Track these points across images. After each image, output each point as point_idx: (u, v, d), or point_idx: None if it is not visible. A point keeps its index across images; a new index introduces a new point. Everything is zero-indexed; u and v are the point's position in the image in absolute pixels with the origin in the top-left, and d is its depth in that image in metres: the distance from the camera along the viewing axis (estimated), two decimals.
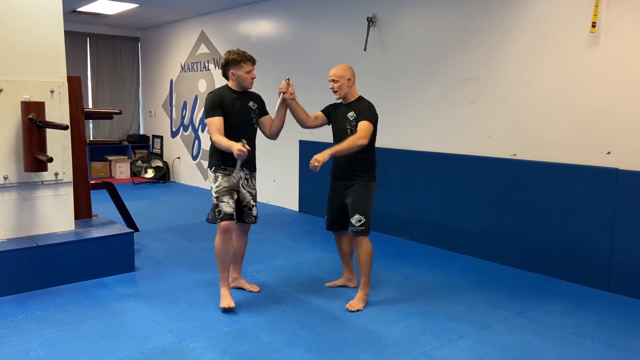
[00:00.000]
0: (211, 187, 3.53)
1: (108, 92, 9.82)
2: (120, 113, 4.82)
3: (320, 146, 3.59)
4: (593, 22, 3.90)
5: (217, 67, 8.08)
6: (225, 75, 3.56)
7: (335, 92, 3.65)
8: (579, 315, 3.50)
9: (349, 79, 3.61)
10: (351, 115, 3.58)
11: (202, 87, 8.48)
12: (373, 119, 3.53)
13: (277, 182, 7.08)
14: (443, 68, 5.03)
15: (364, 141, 3.43)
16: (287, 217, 6.41)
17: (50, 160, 3.73)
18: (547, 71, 4.28)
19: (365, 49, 5.64)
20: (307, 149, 6.48)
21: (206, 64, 8.32)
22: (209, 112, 3.46)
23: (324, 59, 6.26)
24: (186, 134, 8.99)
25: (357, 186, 3.57)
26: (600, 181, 3.98)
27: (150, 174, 9.19)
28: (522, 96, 4.46)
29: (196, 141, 8.74)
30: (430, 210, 5.10)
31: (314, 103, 6.93)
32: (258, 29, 7.22)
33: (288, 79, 3.68)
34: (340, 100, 3.72)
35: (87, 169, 4.71)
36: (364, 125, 3.45)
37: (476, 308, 3.61)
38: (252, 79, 3.58)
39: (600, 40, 3.93)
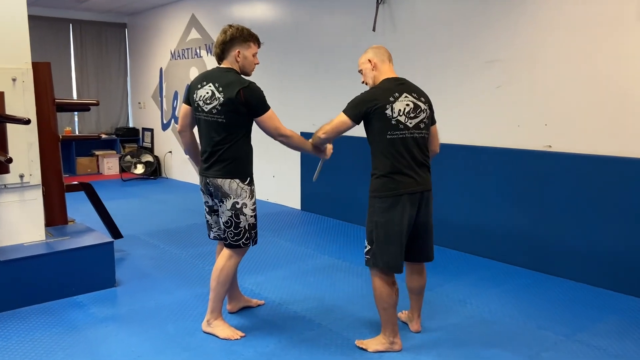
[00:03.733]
0: (242, 205, 2.83)
1: (94, 82, 9.21)
2: (97, 104, 4.22)
3: None
4: None
5: (209, 54, 7.46)
6: (224, 54, 2.87)
7: (363, 83, 2.94)
8: None
9: (369, 60, 2.83)
10: None
11: (194, 76, 7.84)
12: (349, 109, 2.72)
13: (277, 178, 6.51)
14: (464, 49, 4.44)
15: (319, 133, 2.80)
16: (289, 217, 5.85)
17: (10, 160, 3.14)
18: (588, 50, 3.70)
19: (374, 30, 5.04)
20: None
21: (198, 51, 7.70)
22: (266, 100, 2.82)
23: (327, 42, 5.66)
24: (178, 126, 8.37)
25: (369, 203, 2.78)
26: None
27: (140, 169, 8.60)
28: (558, 79, 3.88)
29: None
30: (451, 209, 4.53)
31: (317, 93, 6.40)
32: (253, 12, 6.60)
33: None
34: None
35: (61, 169, 4.13)
36: (334, 118, 2.78)
37: (517, 329, 3.06)
38: (256, 64, 2.97)
39: None
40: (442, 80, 4.62)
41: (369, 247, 2.72)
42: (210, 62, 7.45)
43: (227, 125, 2.76)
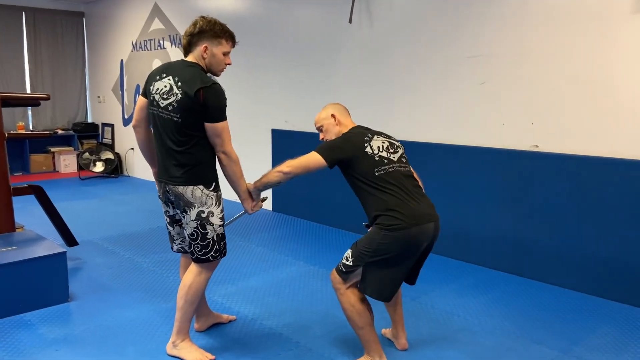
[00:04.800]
0: (207, 214, 2.51)
1: (49, 75, 8.66)
2: (47, 98, 3.81)
3: (295, 135, 2.64)
4: None
5: (174, 45, 7.05)
6: (190, 47, 2.54)
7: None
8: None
9: (333, 115, 2.63)
10: None
11: None
12: (324, 150, 2.45)
13: (247, 177, 6.16)
14: (446, 43, 4.21)
15: (283, 167, 2.45)
16: (259, 219, 5.54)
17: None
18: (578, 44, 3.52)
19: (350, 21, 4.76)
20: (281, 139, 5.60)
21: (161, 42, 7.28)
22: (225, 110, 2.48)
23: (299, 35, 5.35)
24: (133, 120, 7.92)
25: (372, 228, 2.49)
26: None
27: (99, 167, 8.12)
28: (546, 75, 3.69)
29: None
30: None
31: (290, 88, 6.07)
32: (221, 2, 6.23)
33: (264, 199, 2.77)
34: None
35: (7, 170, 3.71)
36: (304, 155, 2.49)
37: (510, 344, 2.85)
38: (227, 64, 2.64)
39: None
40: (422, 76, 4.38)
41: (351, 265, 2.42)
42: (176, 55, 7.05)
43: (184, 126, 2.44)
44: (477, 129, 4.09)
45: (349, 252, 2.46)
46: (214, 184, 2.56)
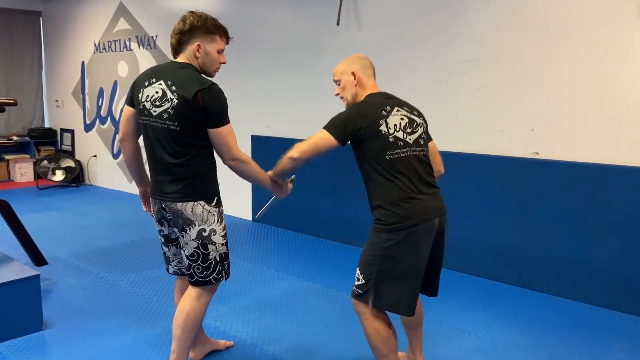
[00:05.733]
0: (209, 232, 2.27)
1: (2, 78, 8.11)
2: (15, 104, 3.44)
3: (276, 142, 2.38)
4: None
5: (141, 46, 6.68)
6: (180, 46, 2.29)
7: (341, 98, 2.40)
8: None
9: (353, 74, 2.32)
10: None
11: (123, 71, 7.04)
12: (332, 127, 2.19)
13: (224, 185, 5.82)
14: (441, 46, 4.06)
15: (293, 153, 2.21)
16: (240, 230, 5.25)
17: None
18: (580, 49, 3.43)
19: (338, 23, 4.57)
20: (262, 146, 5.33)
21: (127, 43, 6.89)
22: (227, 112, 2.25)
23: (281, 37, 5.11)
24: (104, 127, 7.51)
25: (371, 231, 2.26)
26: None
27: (59, 176, 7.62)
28: (547, 80, 3.59)
29: (117, 136, 7.28)
30: None
31: (268, 94, 5.81)
32: (192, 1, 5.91)
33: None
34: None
35: None
36: (313, 135, 2.24)
37: None
38: (222, 63, 2.40)
39: None
40: (415, 82, 4.22)
41: (364, 282, 2.19)
42: (144, 57, 6.68)
43: (182, 135, 2.18)
44: (474, 135, 3.95)
45: (357, 271, 2.24)
46: (215, 198, 2.31)
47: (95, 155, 7.72)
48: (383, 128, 2.18)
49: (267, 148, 5.29)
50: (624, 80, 3.29)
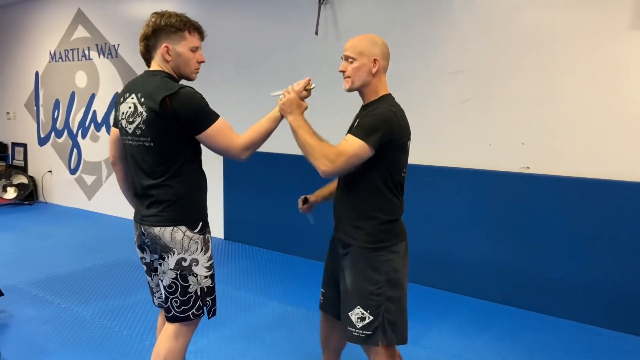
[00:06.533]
0: (190, 263, 2.03)
1: None
2: None
3: (251, 158, 2.11)
4: None
5: (102, 55, 6.31)
6: (149, 52, 2.05)
7: (346, 78, 2.02)
8: None
9: (375, 61, 1.99)
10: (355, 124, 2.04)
11: (82, 81, 6.63)
12: (370, 133, 1.87)
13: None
14: (425, 57, 3.93)
15: (325, 166, 1.85)
16: (213, 249, 4.94)
17: None
18: (573, 61, 3.35)
19: (316, 33, 4.38)
20: (234, 162, 5.04)
21: (86, 52, 6.50)
22: (209, 108, 1.97)
23: (256, 47, 4.87)
24: (60, 140, 7.05)
25: (357, 256, 1.98)
26: None
27: (11, 193, 7.11)
28: (537, 93, 3.49)
29: (75, 149, 6.85)
30: (416, 240, 3.97)
31: (241, 107, 5.50)
32: (160, 8, 5.60)
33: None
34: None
35: None
36: (346, 143, 1.88)
37: None
38: (200, 63, 2.16)
39: None
40: (398, 94, 4.03)
41: (372, 318, 1.92)
42: (104, 66, 6.31)
43: (158, 151, 1.95)
44: (461, 149, 3.82)
45: (356, 311, 1.94)
46: (200, 224, 2.07)
47: (50, 171, 7.24)
48: (409, 144, 2.03)
49: (240, 164, 5.02)
50: (617, 93, 3.22)
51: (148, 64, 2.08)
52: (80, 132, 6.74)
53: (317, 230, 4.76)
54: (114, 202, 6.23)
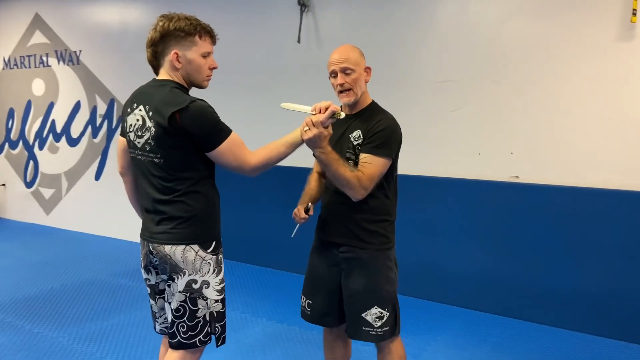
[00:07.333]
0: (201, 285, 1.87)
1: None
2: None
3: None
4: (634, 10, 3.09)
5: (61, 62, 5.98)
6: (157, 60, 1.90)
7: (345, 91, 2.03)
8: None
9: (369, 70, 2.09)
10: (356, 135, 2.06)
11: (39, 89, 6.27)
12: (388, 148, 1.99)
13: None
14: (411, 66, 3.90)
15: (361, 195, 1.94)
16: None
17: None
18: (560, 71, 3.39)
19: (298, 41, 4.28)
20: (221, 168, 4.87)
21: (44, 58, 6.15)
22: (221, 123, 1.83)
23: (236, 55, 4.71)
24: (14, 152, 6.64)
25: (375, 259, 2.05)
26: (637, 209, 3.18)
27: None
28: (526, 102, 3.51)
29: (31, 161, 6.45)
30: (405, 251, 3.91)
31: (226, 123, 5.21)
32: (126, 14, 5.37)
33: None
34: (340, 105, 2.12)
35: None
36: (372, 166, 1.94)
37: None
38: (212, 69, 2.03)
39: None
40: (384, 103, 3.99)
41: (389, 313, 2.05)
42: (64, 74, 5.98)
43: (169, 168, 1.82)
44: (450, 159, 3.80)
45: (373, 311, 2.02)
46: (214, 243, 1.92)
47: (4, 184, 6.79)
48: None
49: (220, 175, 4.85)
50: (606, 103, 3.27)
51: (156, 71, 1.92)
52: (37, 142, 6.36)
53: (298, 243, 4.63)
54: (74, 217, 5.90)
